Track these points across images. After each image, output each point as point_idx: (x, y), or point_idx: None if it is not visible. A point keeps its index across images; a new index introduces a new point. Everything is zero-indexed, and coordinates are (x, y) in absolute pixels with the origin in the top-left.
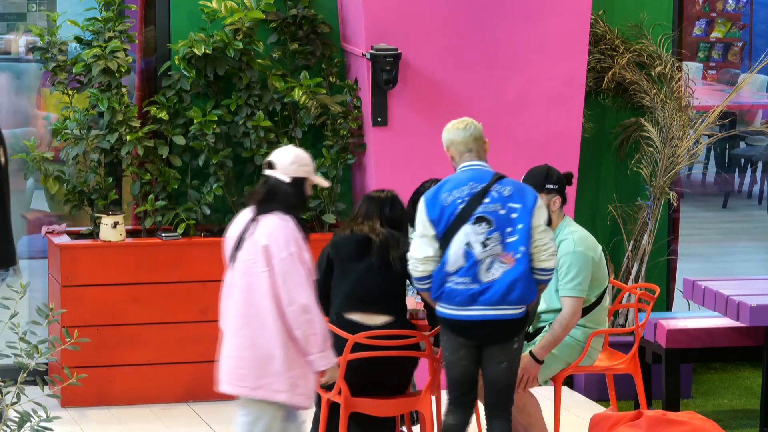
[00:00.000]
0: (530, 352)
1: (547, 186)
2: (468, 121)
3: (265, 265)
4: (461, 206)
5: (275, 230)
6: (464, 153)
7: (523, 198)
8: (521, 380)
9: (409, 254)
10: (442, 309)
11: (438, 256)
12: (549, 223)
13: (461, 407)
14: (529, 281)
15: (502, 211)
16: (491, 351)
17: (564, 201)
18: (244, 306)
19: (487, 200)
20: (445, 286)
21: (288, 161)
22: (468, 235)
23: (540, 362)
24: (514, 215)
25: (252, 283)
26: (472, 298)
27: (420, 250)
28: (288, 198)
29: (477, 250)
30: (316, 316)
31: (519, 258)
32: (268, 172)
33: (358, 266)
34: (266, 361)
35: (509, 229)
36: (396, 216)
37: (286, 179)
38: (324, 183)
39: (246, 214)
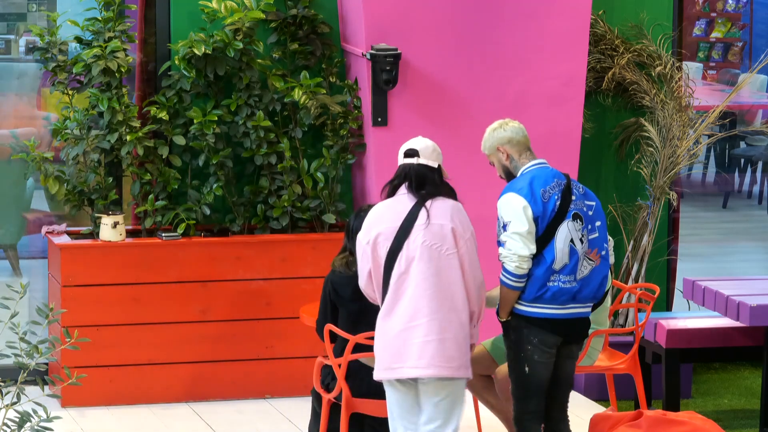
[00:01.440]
0: None
1: None
2: (514, 121)
3: (453, 247)
4: (558, 201)
5: (455, 212)
6: (525, 150)
7: (593, 196)
8: None
9: (510, 252)
10: (543, 310)
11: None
12: None
13: (541, 418)
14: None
15: (584, 208)
16: (571, 348)
17: None
18: (437, 289)
19: (573, 197)
20: (549, 285)
21: (430, 149)
22: (570, 231)
23: None
24: (591, 212)
25: (441, 266)
26: (573, 297)
27: (525, 247)
28: (440, 182)
29: (578, 246)
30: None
31: (604, 255)
32: (408, 160)
33: (362, 307)
34: (463, 339)
35: (590, 226)
36: None
37: (434, 165)
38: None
39: (397, 203)
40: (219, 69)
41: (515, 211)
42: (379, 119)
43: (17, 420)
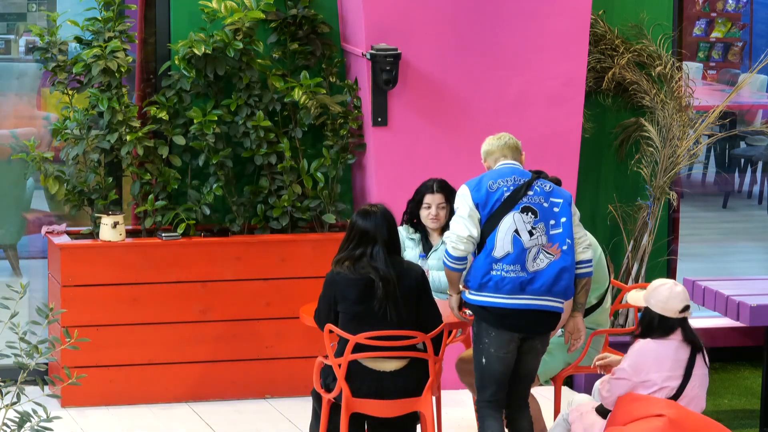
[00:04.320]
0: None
1: None
2: (504, 134)
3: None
4: (507, 194)
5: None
6: (501, 158)
7: (562, 194)
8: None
9: (450, 232)
10: (489, 298)
11: (478, 239)
12: None
13: (499, 407)
14: (573, 275)
15: (546, 204)
16: (532, 343)
17: None
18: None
19: (531, 192)
20: (492, 273)
21: None
22: (515, 221)
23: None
24: (556, 209)
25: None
26: (521, 287)
27: (463, 228)
28: None
29: (524, 237)
30: None
31: (565, 250)
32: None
33: (365, 309)
34: None
35: (553, 222)
36: (393, 237)
37: None
38: None
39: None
40: (219, 69)
41: (459, 199)
42: (379, 119)
43: (17, 420)
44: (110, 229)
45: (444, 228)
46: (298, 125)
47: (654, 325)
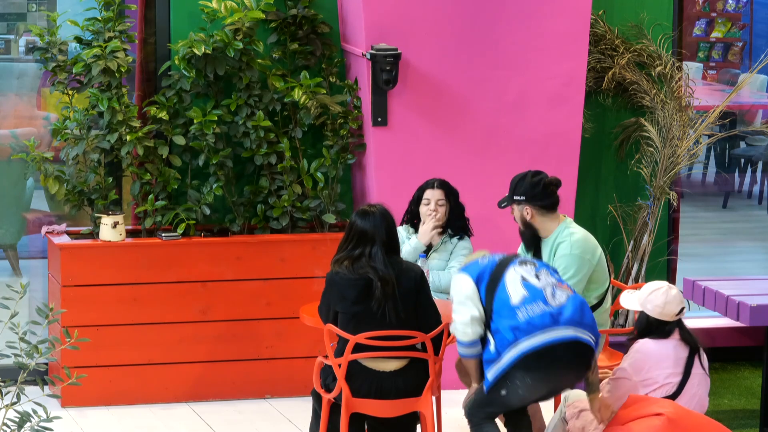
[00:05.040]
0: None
1: (515, 197)
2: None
3: None
4: (500, 258)
5: None
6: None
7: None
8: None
9: (453, 323)
10: (527, 344)
11: (483, 317)
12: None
13: (494, 418)
14: (591, 313)
15: (534, 261)
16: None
17: (545, 207)
18: None
19: (519, 253)
20: (519, 320)
21: None
22: (518, 272)
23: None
24: (552, 264)
25: None
26: (553, 319)
27: (464, 312)
28: None
29: (533, 281)
30: None
31: (575, 291)
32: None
33: (364, 309)
34: None
35: (551, 270)
36: (392, 237)
37: None
38: None
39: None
40: (219, 69)
41: (453, 287)
42: (379, 119)
43: (17, 420)
44: (110, 229)
45: (444, 229)
46: (298, 125)
47: (651, 329)
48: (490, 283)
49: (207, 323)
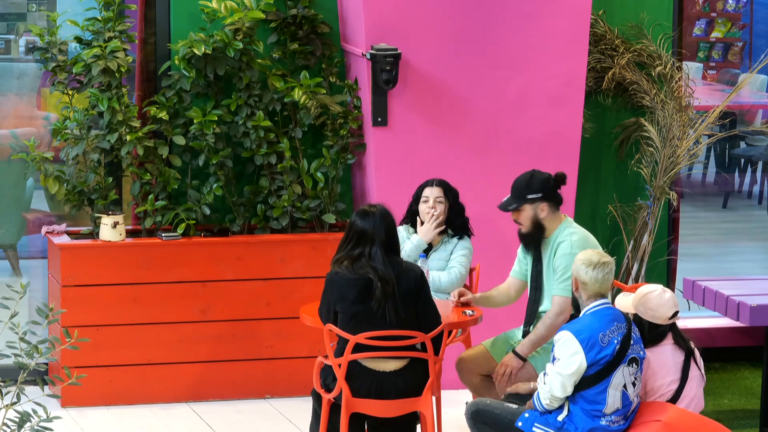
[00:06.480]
0: (513, 350)
1: (529, 197)
2: (607, 260)
3: None
4: (618, 347)
5: None
6: (597, 296)
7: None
8: (503, 374)
9: (546, 389)
10: None
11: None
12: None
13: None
14: None
15: (642, 353)
16: None
17: (557, 203)
18: None
19: (632, 342)
20: (597, 423)
21: None
22: (624, 377)
23: (523, 359)
24: (642, 352)
25: None
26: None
27: (561, 389)
28: None
29: (630, 391)
30: None
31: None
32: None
33: (364, 310)
34: None
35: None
36: (391, 237)
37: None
38: None
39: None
40: (219, 69)
41: (566, 353)
42: (379, 119)
43: (17, 420)
44: (110, 229)
45: (444, 229)
46: (298, 125)
47: (644, 332)
48: (599, 372)
49: (207, 323)
